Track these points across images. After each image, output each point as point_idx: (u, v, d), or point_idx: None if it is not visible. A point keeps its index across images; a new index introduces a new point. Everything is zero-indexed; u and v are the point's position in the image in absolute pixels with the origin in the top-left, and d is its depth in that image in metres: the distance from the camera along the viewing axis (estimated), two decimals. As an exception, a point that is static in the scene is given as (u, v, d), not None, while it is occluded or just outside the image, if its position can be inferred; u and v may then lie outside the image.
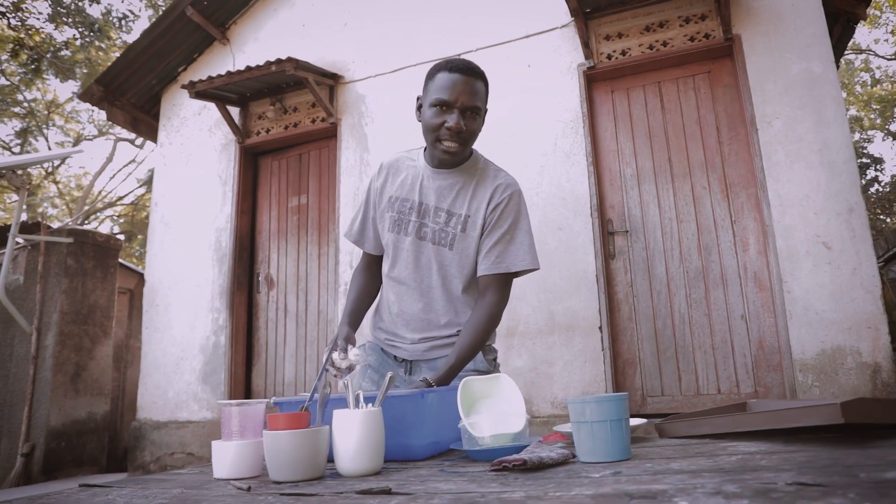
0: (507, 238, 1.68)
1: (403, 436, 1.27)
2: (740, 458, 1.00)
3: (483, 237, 1.69)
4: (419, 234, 1.73)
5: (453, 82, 1.60)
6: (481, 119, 1.67)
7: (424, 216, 1.73)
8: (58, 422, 4.74)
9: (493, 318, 1.67)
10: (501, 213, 1.69)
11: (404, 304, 1.75)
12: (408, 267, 1.74)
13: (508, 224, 1.69)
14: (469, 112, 1.62)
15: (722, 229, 3.81)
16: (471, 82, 1.61)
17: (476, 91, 1.62)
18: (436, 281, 1.71)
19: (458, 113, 1.60)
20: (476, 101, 1.62)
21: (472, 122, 1.64)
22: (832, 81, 3.62)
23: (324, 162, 5.08)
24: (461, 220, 1.70)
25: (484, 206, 1.69)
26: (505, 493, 0.86)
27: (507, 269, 1.67)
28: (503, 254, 1.67)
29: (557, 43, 4.30)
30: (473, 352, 1.63)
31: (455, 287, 1.72)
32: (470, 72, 1.62)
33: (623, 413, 1.10)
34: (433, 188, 1.74)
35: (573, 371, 3.81)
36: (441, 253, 1.71)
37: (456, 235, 1.69)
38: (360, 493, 0.94)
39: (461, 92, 1.60)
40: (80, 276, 5.08)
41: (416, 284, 1.73)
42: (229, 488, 1.07)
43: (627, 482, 0.88)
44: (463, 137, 1.63)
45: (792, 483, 0.78)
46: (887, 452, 0.94)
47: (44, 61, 12.69)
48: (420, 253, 1.73)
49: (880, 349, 3.28)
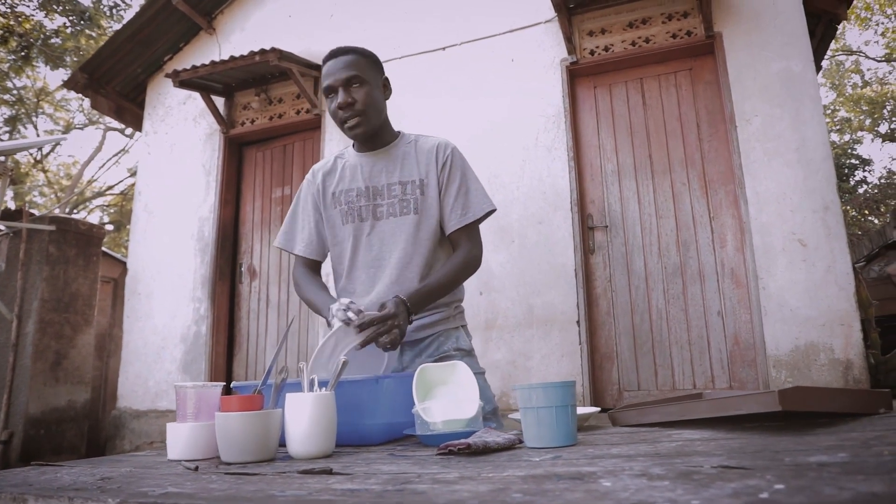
0: (463, 190, 1.77)
1: (358, 420, 1.29)
2: (679, 445, 1.02)
3: (443, 196, 1.76)
4: (375, 215, 1.76)
5: (328, 69, 1.69)
6: (370, 87, 1.71)
7: (376, 197, 1.76)
8: (37, 409, 4.73)
9: (471, 258, 1.76)
10: (451, 169, 1.77)
11: (378, 285, 1.74)
12: (373, 248, 1.75)
13: (459, 177, 1.77)
14: (350, 84, 1.67)
15: (700, 226, 3.84)
16: (340, 61, 1.68)
17: (348, 64, 1.68)
18: (404, 253, 1.73)
19: (340, 91, 1.67)
20: (351, 70, 1.67)
21: (358, 92, 1.68)
22: (811, 80, 3.65)
23: (308, 153, 5.07)
24: (417, 184, 1.75)
25: (434, 167, 1.77)
26: (440, 474, 0.88)
27: (472, 217, 1.76)
28: (465, 205, 1.76)
29: (541, 38, 4.31)
30: (449, 284, 1.71)
31: (426, 252, 1.74)
32: (340, 52, 1.70)
33: (569, 399, 1.11)
34: (377, 169, 1.78)
35: (550, 364, 3.84)
36: (404, 222, 1.74)
37: (418, 199, 1.74)
38: (301, 473, 0.95)
39: (336, 71, 1.67)
40: (62, 263, 5.05)
41: (385, 262, 1.74)
42: (178, 468, 1.08)
43: (563, 465, 0.90)
44: (355, 109, 1.68)
45: (717, 466, 0.80)
46: (822, 439, 0.96)
47: (33, 49, 12.58)
48: (382, 232, 1.75)
49: (852, 346, 3.33)
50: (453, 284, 1.73)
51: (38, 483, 0.98)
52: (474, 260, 1.78)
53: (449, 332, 1.77)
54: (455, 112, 4.37)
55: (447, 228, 1.76)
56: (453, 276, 1.72)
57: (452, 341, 1.75)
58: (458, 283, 1.76)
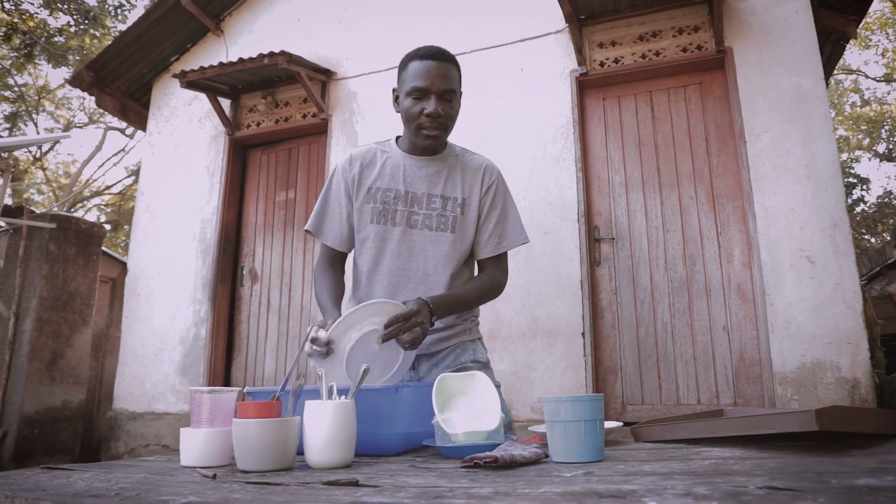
0: (502, 218, 1.76)
1: (376, 430, 1.25)
2: (713, 463, 1.00)
3: (482, 221, 1.75)
4: (409, 222, 1.71)
5: (427, 69, 1.62)
6: (457, 103, 1.70)
7: (414, 204, 1.72)
8: (31, 409, 4.67)
9: (497, 285, 1.77)
10: (494, 195, 1.76)
11: (399, 296, 1.69)
12: (401, 257, 1.71)
13: (501, 205, 1.77)
14: (445, 96, 1.64)
15: (707, 240, 3.83)
16: (443, 67, 1.64)
17: (449, 75, 1.64)
18: (432, 268, 1.70)
19: (434, 99, 1.62)
20: (451, 84, 1.64)
21: (450, 107, 1.66)
22: (821, 98, 3.64)
23: (313, 157, 5.05)
24: (458, 203, 1.73)
25: (478, 189, 1.75)
26: (473, 489, 0.85)
27: (507, 248, 1.77)
28: (502, 234, 1.76)
29: (551, 48, 4.31)
30: (473, 301, 1.72)
31: (452, 270, 1.71)
32: (442, 57, 1.65)
33: (597, 414, 1.09)
34: (420, 176, 1.73)
35: (554, 376, 3.81)
36: (439, 238, 1.71)
37: (457, 218, 1.72)
38: (326, 485, 0.92)
39: (435, 77, 1.62)
40: (62, 262, 5.01)
41: (412, 273, 1.71)
42: (195, 475, 1.05)
43: (598, 482, 0.87)
44: (442, 122, 1.65)
45: (762, 487, 0.77)
46: (860, 461, 0.94)
47: (36, 46, 12.55)
48: (413, 241, 1.71)
49: (859, 365, 3.30)
50: (475, 303, 1.75)
51: (52, 488, 0.95)
52: (499, 287, 1.79)
53: (465, 344, 1.75)
54: (462, 119, 4.33)
55: (480, 253, 1.77)
56: (478, 295, 1.73)
57: (469, 353, 1.73)
58: (479, 304, 1.77)
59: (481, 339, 1.84)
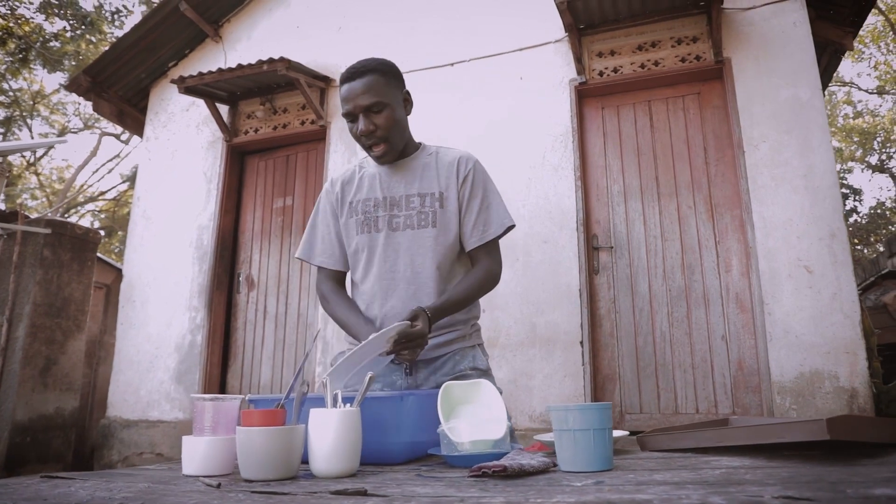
0: (484, 206, 1.73)
1: (381, 438, 1.24)
2: (724, 472, 0.99)
3: (463, 213, 1.73)
4: (391, 226, 1.72)
5: (347, 92, 1.64)
6: (391, 110, 1.66)
7: (393, 208, 1.73)
8: (24, 416, 4.62)
9: (491, 275, 1.74)
10: (473, 184, 1.74)
11: (391, 299, 1.70)
12: (388, 260, 1.71)
13: (481, 192, 1.74)
14: (372, 109, 1.63)
15: (706, 249, 3.83)
16: (360, 83, 1.63)
17: (367, 88, 1.63)
18: (419, 265, 1.70)
19: (361, 118, 1.63)
20: (373, 97, 1.63)
21: (379, 117, 1.64)
22: (819, 108, 3.66)
23: (311, 164, 5.04)
24: (436, 197, 1.72)
25: (454, 181, 1.73)
26: (484, 499, 0.83)
27: (493, 234, 1.74)
28: (487, 222, 1.73)
29: (550, 57, 4.32)
30: (468, 299, 1.68)
31: (438, 264, 1.70)
32: (358, 73, 1.64)
33: (607, 422, 1.08)
34: (396, 180, 1.75)
35: (552, 385, 3.79)
36: (422, 235, 1.70)
37: (436, 212, 1.71)
38: (334, 494, 0.90)
39: (356, 96, 1.62)
40: (56, 267, 4.97)
41: (399, 275, 1.70)
42: (198, 485, 1.03)
43: (610, 491, 0.86)
44: (380, 135, 1.65)
45: (778, 496, 0.76)
46: (873, 470, 0.93)
47: (32, 51, 12.52)
48: (398, 244, 1.71)
49: (857, 374, 3.31)
50: (471, 300, 1.71)
51: (53, 498, 0.93)
52: (493, 276, 1.76)
53: (465, 350, 1.73)
54: (461, 128, 4.35)
55: (467, 245, 1.74)
56: (472, 291, 1.70)
57: (468, 360, 1.71)
58: (476, 299, 1.74)
59: (482, 346, 1.81)
